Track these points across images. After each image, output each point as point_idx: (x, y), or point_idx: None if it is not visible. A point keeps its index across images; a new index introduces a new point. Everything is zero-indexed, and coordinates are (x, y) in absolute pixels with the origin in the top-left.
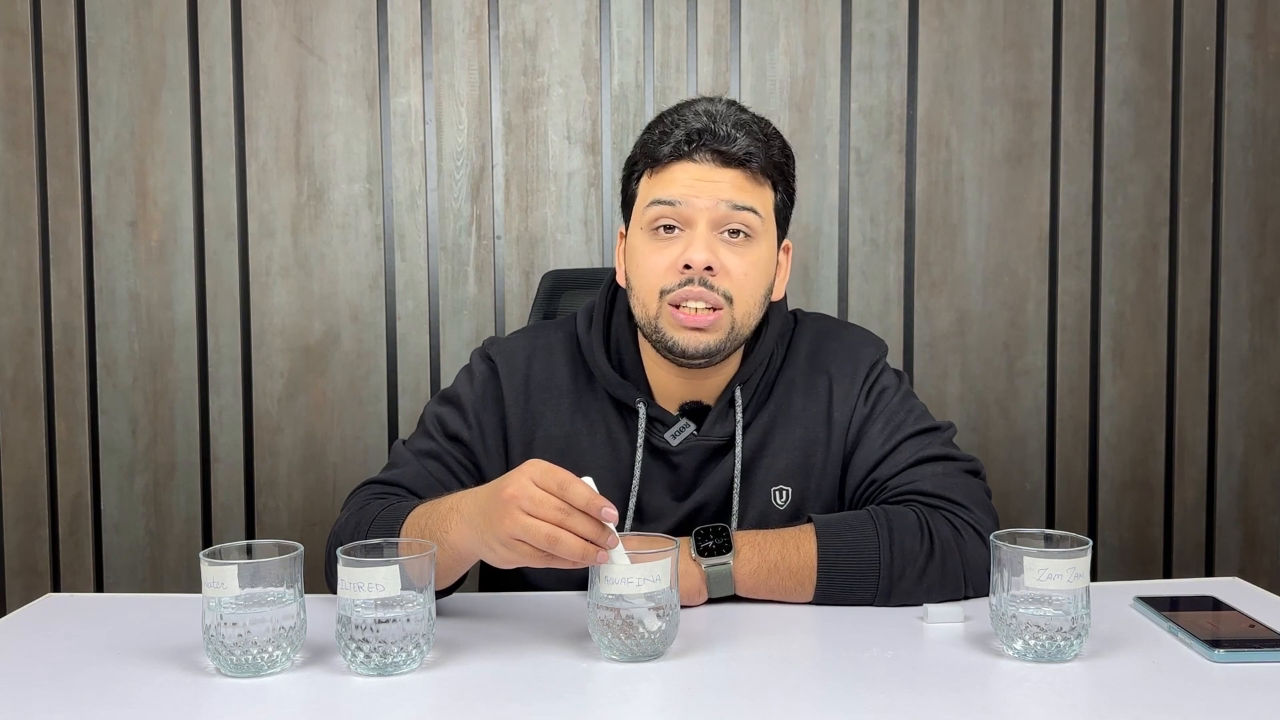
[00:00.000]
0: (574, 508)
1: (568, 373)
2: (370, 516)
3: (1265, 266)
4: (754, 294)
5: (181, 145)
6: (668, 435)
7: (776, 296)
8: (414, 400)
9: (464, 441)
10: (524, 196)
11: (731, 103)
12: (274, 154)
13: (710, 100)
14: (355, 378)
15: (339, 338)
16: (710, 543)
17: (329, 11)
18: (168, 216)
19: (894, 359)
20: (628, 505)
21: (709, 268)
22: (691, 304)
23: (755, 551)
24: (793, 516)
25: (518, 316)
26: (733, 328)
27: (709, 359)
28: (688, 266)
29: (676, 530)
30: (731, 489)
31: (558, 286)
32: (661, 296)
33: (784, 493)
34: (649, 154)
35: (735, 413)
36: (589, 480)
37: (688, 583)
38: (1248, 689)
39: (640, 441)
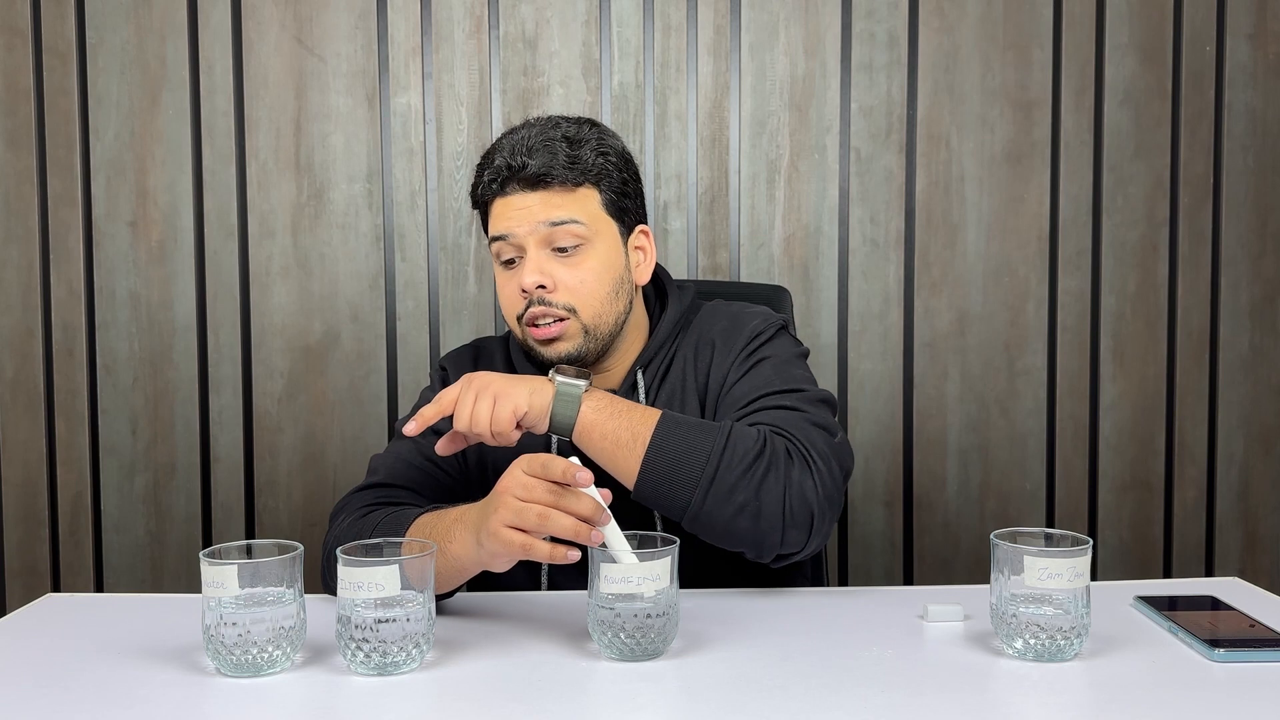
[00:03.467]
0: (559, 485)
1: (505, 368)
2: (372, 525)
3: (1265, 266)
4: (596, 296)
5: (181, 145)
6: None
7: (641, 281)
8: (414, 400)
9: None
10: None
11: (550, 122)
12: (274, 154)
13: (526, 125)
14: (355, 378)
15: (339, 338)
16: (571, 373)
17: (329, 11)
18: (168, 216)
19: (894, 359)
20: None
21: (541, 286)
22: (540, 321)
23: (606, 395)
24: None
25: None
26: (586, 331)
27: (580, 362)
28: (526, 291)
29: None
30: None
31: None
32: (520, 322)
33: None
34: (477, 199)
35: (638, 395)
36: (575, 459)
37: (538, 400)
38: (1248, 689)
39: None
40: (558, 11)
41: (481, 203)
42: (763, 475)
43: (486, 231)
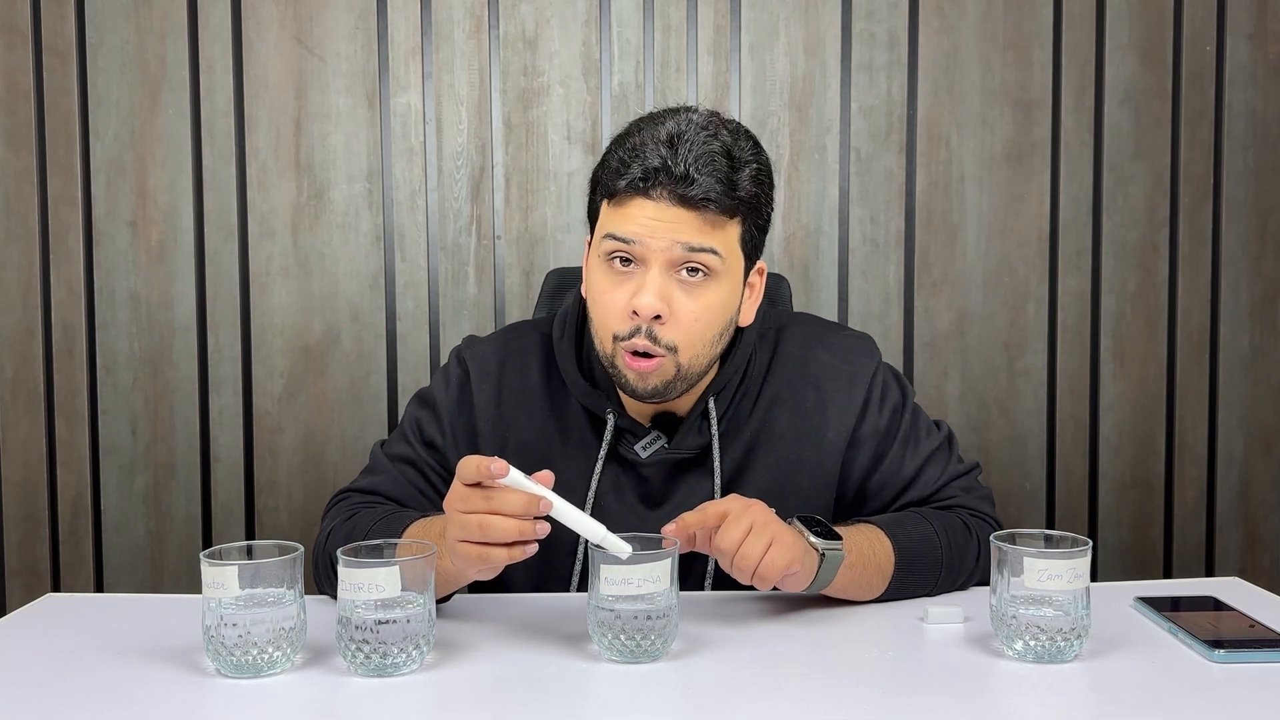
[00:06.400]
0: (486, 489)
1: (541, 376)
2: (364, 529)
3: (1265, 266)
4: (702, 338)
5: (181, 145)
6: (637, 447)
7: (745, 322)
8: (415, 388)
9: (439, 448)
10: (524, 196)
11: (708, 121)
12: (274, 154)
13: (681, 117)
14: (355, 378)
15: (339, 338)
16: (818, 528)
17: (329, 11)
18: (168, 216)
19: (893, 359)
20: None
21: (657, 316)
22: (640, 350)
23: (852, 547)
24: None
25: (517, 316)
26: (678, 370)
27: (661, 397)
28: (639, 314)
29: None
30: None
31: (562, 285)
32: (616, 340)
33: None
34: (606, 184)
35: (710, 425)
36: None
37: (810, 561)
38: (1248, 689)
39: (603, 453)
40: (558, 11)
41: (608, 191)
42: (974, 563)
43: (595, 207)
